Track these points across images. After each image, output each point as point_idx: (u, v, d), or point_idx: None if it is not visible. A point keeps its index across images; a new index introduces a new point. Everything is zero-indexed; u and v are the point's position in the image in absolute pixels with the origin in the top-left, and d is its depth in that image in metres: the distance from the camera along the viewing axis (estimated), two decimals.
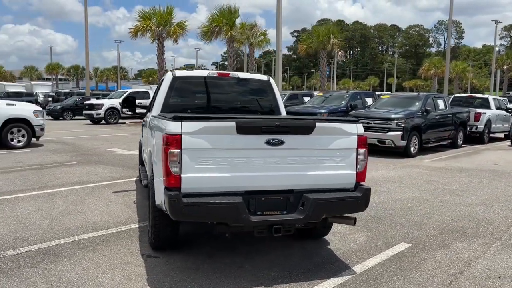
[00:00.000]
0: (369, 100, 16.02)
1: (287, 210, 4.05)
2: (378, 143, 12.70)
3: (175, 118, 3.77)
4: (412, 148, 12.81)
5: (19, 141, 12.76)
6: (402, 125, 12.50)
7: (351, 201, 4.14)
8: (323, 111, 14.51)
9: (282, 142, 3.96)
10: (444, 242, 5.27)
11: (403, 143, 12.50)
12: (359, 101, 15.70)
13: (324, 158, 4.14)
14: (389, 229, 5.72)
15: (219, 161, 3.85)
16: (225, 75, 6.10)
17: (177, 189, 3.78)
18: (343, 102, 15.32)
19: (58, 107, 28.04)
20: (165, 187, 3.82)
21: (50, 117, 26.57)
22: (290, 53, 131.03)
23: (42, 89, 49.38)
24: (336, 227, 5.74)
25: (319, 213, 4.05)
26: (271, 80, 6.27)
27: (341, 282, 4.08)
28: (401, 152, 12.69)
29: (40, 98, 42.66)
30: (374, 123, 12.84)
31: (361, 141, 4.23)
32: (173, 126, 3.74)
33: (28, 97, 42.92)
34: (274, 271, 4.30)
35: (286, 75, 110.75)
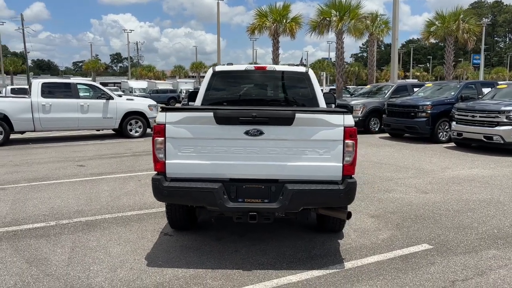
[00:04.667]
0: (487, 91, 14.32)
1: (269, 199, 4.16)
2: (484, 139, 11.41)
3: (162, 110, 4.18)
4: None
5: (136, 132, 14.61)
6: None
7: (332, 193, 4.05)
8: (427, 103, 13.48)
9: (261, 133, 4.07)
10: (475, 248, 4.73)
11: None
12: (473, 92, 14.15)
13: (307, 150, 4.11)
14: (422, 229, 5.32)
15: (200, 149, 4.14)
16: (263, 68, 6.29)
17: (163, 173, 4.19)
18: (453, 93, 13.97)
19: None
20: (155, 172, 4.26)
21: None
22: (436, 41, 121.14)
23: (185, 86, 54.57)
24: (364, 223, 5.57)
25: (296, 204, 4.07)
26: (310, 72, 6.24)
27: (320, 274, 4.05)
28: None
29: (183, 94, 47.20)
30: (480, 116, 11.56)
31: (349, 133, 4.08)
32: (160, 117, 4.15)
33: (172, 93, 48.13)
34: (265, 258, 4.44)
35: (428, 65, 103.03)
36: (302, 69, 6.31)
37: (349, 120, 4.11)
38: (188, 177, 4.18)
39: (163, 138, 4.13)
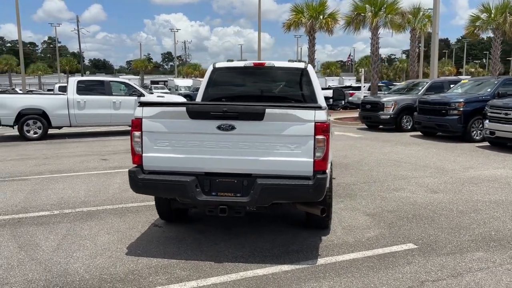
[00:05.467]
0: None
1: (241, 193, 4.21)
2: None
3: (140, 104, 4.34)
4: None
5: None
6: None
7: (301, 189, 4.03)
8: (459, 100, 12.92)
9: (233, 128, 4.13)
10: (463, 249, 4.55)
11: None
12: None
13: (278, 145, 4.13)
14: (414, 229, 5.16)
15: (174, 143, 4.26)
16: (261, 65, 6.33)
17: (140, 166, 4.35)
18: (489, 89, 13.28)
19: None
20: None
21: None
22: (485, 35, 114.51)
23: None
24: (356, 221, 5.49)
25: (266, 198, 4.09)
26: (309, 68, 6.21)
27: (288, 269, 4.06)
28: None
29: None
30: None
31: (319, 128, 4.05)
32: (137, 111, 4.31)
33: None
34: (241, 251, 4.50)
35: (485, 61, 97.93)
36: (301, 65, 6.31)
37: (321, 115, 4.08)
38: (164, 170, 4.31)
39: (140, 132, 4.28)
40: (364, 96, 20.13)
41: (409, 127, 15.49)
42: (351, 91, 28.81)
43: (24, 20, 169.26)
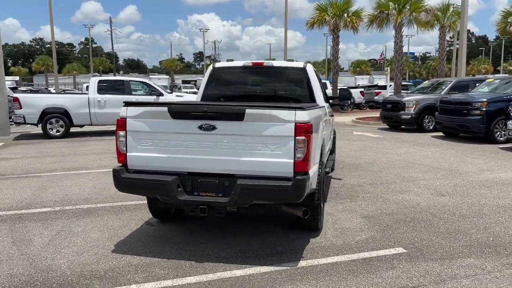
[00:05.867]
0: None
1: (222, 193, 4.20)
2: None
3: (125, 104, 4.39)
4: None
5: None
6: None
7: (280, 190, 3.98)
8: (482, 99, 12.46)
9: (214, 128, 4.12)
10: (454, 255, 4.38)
11: None
12: None
13: (259, 145, 4.09)
14: (407, 233, 5.02)
15: (157, 143, 4.30)
16: (260, 64, 6.29)
17: (125, 165, 4.41)
18: None
19: None
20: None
21: None
22: None
23: None
24: (350, 223, 5.39)
25: (245, 198, 4.06)
26: (308, 68, 6.13)
27: (267, 271, 4.02)
28: None
29: None
30: None
31: (300, 129, 3.99)
32: (122, 111, 4.36)
33: None
34: (226, 252, 4.48)
35: None
36: (299, 64, 6.24)
37: (301, 116, 4.01)
38: (148, 169, 4.35)
39: (124, 132, 4.34)
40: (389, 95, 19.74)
41: (431, 128, 15.07)
42: (376, 90, 28.32)
43: (63, 22, 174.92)
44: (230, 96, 6.35)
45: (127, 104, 4.37)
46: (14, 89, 22.90)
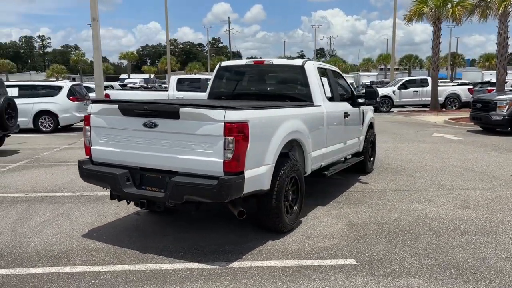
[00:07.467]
0: None
1: (165, 189, 4.35)
2: None
3: (91, 102, 4.79)
4: None
5: None
6: None
7: (206, 188, 3.99)
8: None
9: (155, 125, 4.29)
10: (404, 273, 3.92)
11: None
12: None
13: (193, 144, 4.14)
14: (377, 245, 4.61)
15: (113, 138, 4.60)
16: (260, 63, 6.25)
17: (90, 158, 4.81)
18: None
19: None
20: None
21: None
22: None
23: (367, 79, 53.40)
24: (327, 229, 5.13)
25: (178, 195, 4.14)
26: (306, 66, 5.92)
27: (194, 267, 4.05)
28: None
29: (360, 87, 46.53)
30: None
31: (230, 129, 3.94)
32: (88, 107, 4.77)
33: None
34: (176, 245, 4.59)
35: None
36: (298, 62, 6.08)
37: (232, 116, 3.96)
38: (107, 162, 4.69)
39: (89, 127, 4.74)
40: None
41: None
42: (489, 88, 25.39)
43: (196, 23, 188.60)
44: (230, 94, 6.43)
45: (92, 101, 4.75)
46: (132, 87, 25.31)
